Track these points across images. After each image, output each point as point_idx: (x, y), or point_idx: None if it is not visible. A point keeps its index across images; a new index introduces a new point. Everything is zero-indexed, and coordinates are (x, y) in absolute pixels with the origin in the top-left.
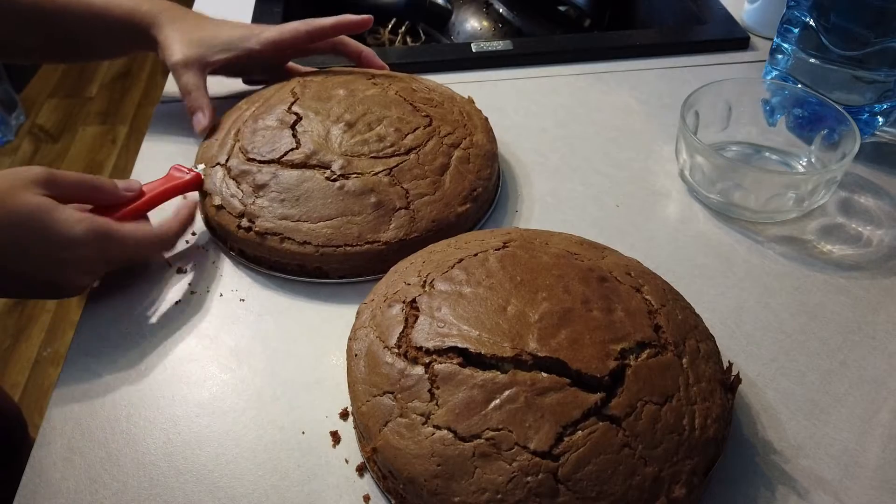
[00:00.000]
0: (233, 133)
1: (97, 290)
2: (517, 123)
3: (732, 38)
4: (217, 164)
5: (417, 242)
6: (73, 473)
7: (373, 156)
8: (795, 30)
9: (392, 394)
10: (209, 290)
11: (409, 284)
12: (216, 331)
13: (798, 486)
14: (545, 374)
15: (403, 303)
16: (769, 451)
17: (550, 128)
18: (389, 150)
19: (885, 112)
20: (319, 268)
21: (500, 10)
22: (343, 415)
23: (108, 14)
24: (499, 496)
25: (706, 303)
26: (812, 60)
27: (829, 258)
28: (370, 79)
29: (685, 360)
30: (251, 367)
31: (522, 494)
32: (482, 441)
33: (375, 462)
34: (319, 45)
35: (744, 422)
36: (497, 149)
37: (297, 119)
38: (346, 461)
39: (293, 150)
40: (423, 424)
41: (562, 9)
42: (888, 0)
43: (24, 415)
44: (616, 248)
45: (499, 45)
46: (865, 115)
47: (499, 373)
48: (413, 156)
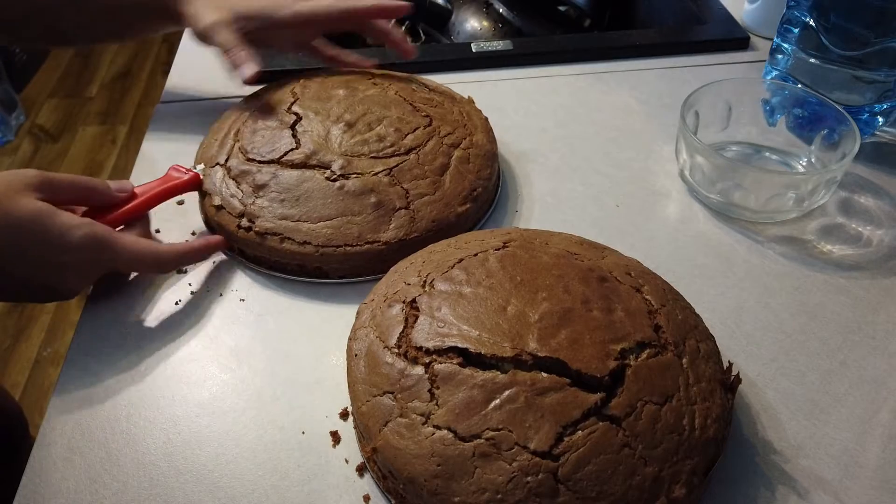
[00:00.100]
0: (232, 133)
1: (97, 290)
2: (517, 123)
3: (732, 38)
4: (217, 164)
5: (417, 242)
6: (73, 473)
7: (373, 156)
8: (795, 30)
9: (392, 394)
10: (209, 290)
11: (409, 284)
12: (216, 331)
13: (798, 486)
14: (545, 374)
15: (403, 303)
16: (769, 451)
17: (550, 128)
18: (389, 150)
19: (885, 112)
20: (319, 268)
21: (500, 10)
22: (343, 415)
23: None
24: (499, 496)
25: (706, 303)
26: (812, 60)
27: (829, 258)
28: (370, 79)
29: (685, 360)
30: (251, 367)
31: (522, 494)
32: (482, 441)
33: (375, 462)
34: (347, 25)
35: (744, 422)
36: (497, 149)
37: (297, 119)
38: (346, 461)
39: (293, 150)
40: (423, 424)
41: (562, 9)
42: (888, 0)
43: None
44: (616, 248)
45: (499, 45)
46: (865, 115)
47: (499, 373)
48: (413, 156)
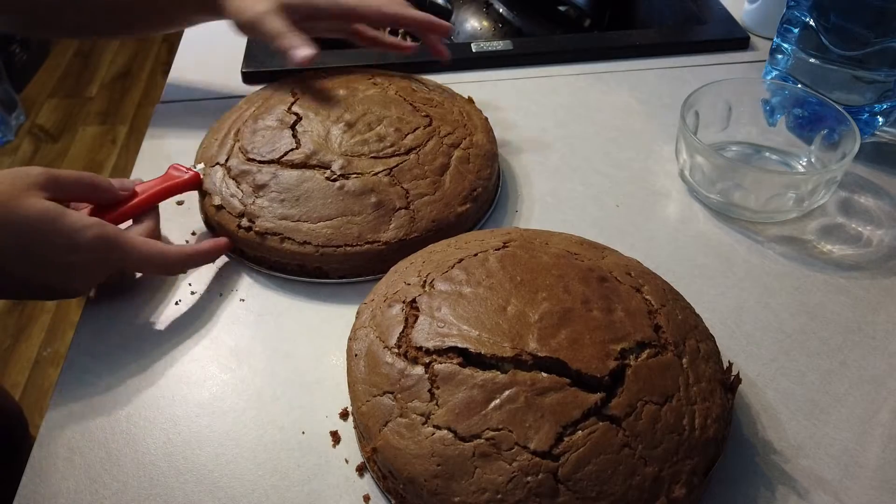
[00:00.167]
0: (233, 133)
1: (97, 290)
2: (517, 123)
3: (732, 38)
4: (217, 164)
5: (417, 242)
6: (73, 473)
7: (373, 156)
8: (795, 30)
9: (392, 394)
10: (209, 290)
11: (409, 284)
12: (216, 331)
13: (798, 486)
14: (545, 374)
15: (403, 303)
16: (769, 451)
17: (550, 128)
18: (389, 150)
19: (885, 112)
20: (319, 268)
21: (500, 10)
22: (343, 415)
23: None
24: (499, 496)
25: (706, 303)
26: (812, 60)
27: (829, 258)
28: (370, 79)
29: (685, 360)
30: (251, 367)
31: (522, 494)
32: (482, 441)
33: (375, 462)
34: (384, 26)
35: (744, 422)
36: (497, 149)
37: (297, 119)
38: (346, 461)
39: (293, 150)
40: (423, 424)
41: (562, 9)
42: (888, 0)
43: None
44: (616, 248)
45: (499, 45)
46: (865, 115)
47: (499, 373)
48: (413, 156)
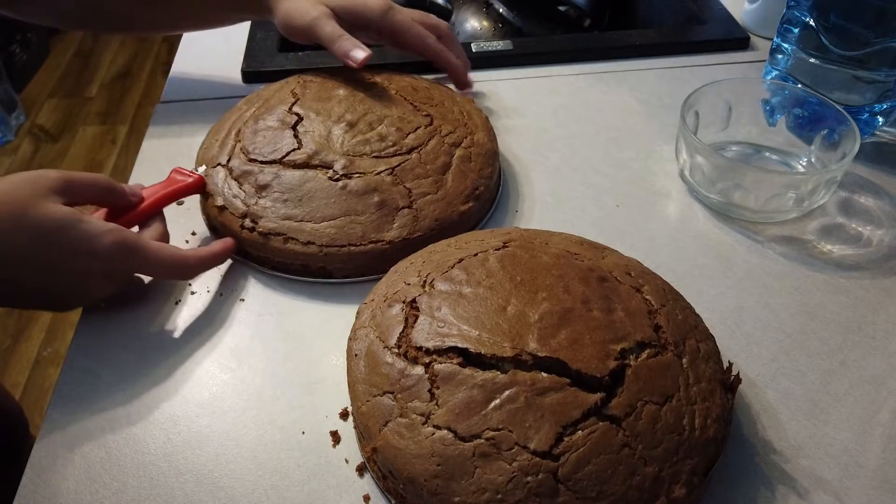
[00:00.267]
0: (233, 134)
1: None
2: (517, 123)
3: (732, 38)
4: (218, 165)
5: (421, 241)
6: (73, 473)
7: (375, 155)
8: (795, 30)
9: (392, 394)
10: (209, 290)
11: (409, 284)
12: (216, 331)
13: (798, 486)
14: (545, 374)
15: (403, 303)
16: (769, 451)
17: (550, 128)
18: (391, 150)
19: (885, 112)
20: (323, 268)
21: (500, 10)
22: (343, 415)
23: None
24: (499, 496)
25: (706, 303)
26: (812, 60)
27: (829, 258)
28: (370, 78)
29: (685, 360)
30: (251, 367)
31: (522, 494)
32: (482, 441)
33: (375, 462)
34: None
35: (744, 422)
36: (498, 147)
37: (299, 119)
38: (346, 461)
39: (295, 151)
40: (423, 424)
41: (562, 9)
42: (888, 0)
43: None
44: (616, 248)
45: (499, 45)
46: (865, 115)
47: (499, 373)
48: (415, 155)
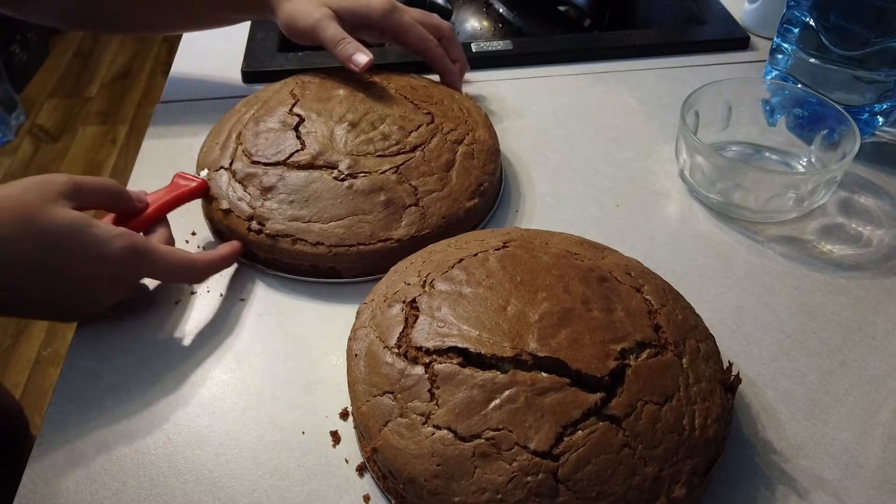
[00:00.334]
0: (234, 137)
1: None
2: (517, 123)
3: (732, 38)
4: (221, 168)
5: (429, 238)
6: (73, 473)
7: (379, 154)
8: (795, 30)
9: (392, 394)
10: (209, 291)
11: (409, 284)
12: (216, 331)
13: (798, 486)
14: (545, 374)
15: (403, 303)
16: (769, 451)
17: (550, 128)
18: (395, 148)
19: (885, 112)
20: (333, 268)
21: (500, 10)
22: (343, 415)
23: None
24: (499, 496)
25: (706, 303)
26: (812, 60)
27: (829, 258)
28: (369, 78)
29: (685, 360)
30: (251, 367)
31: (522, 494)
32: (482, 441)
33: (375, 462)
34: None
35: (744, 422)
36: (498, 144)
37: (300, 120)
38: (346, 461)
39: (299, 152)
40: (423, 424)
41: (562, 9)
42: (888, 0)
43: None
44: (616, 248)
45: (499, 45)
46: (865, 115)
47: (499, 373)
48: (418, 153)
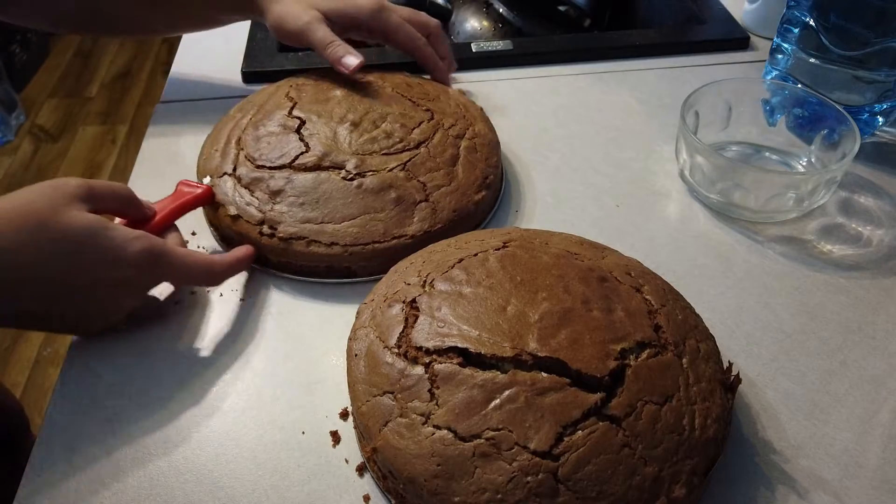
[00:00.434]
0: (233, 142)
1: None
2: (517, 123)
3: (732, 38)
4: (224, 175)
5: (441, 233)
6: (73, 473)
7: (384, 152)
8: (795, 30)
9: (392, 394)
10: (209, 291)
11: (409, 284)
12: (216, 331)
13: (798, 486)
14: (545, 374)
15: (403, 303)
16: (769, 451)
17: (550, 128)
18: (399, 146)
19: (885, 112)
20: (348, 267)
21: (500, 10)
22: (343, 415)
23: None
24: (499, 496)
25: (706, 303)
26: (812, 60)
27: (829, 258)
28: (363, 78)
29: (685, 360)
30: (251, 367)
31: (522, 494)
32: (482, 441)
33: (375, 462)
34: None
35: (744, 422)
36: (497, 137)
37: (301, 123)
38: (346, 461)
39: (304, 154)
40: (423, 424)
41: (562, 9)
42: (888, 0)
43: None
44: (616, 248)
45: (499, 45)
46: (865, 115)
47: (499, 373)
48: (423, 149)
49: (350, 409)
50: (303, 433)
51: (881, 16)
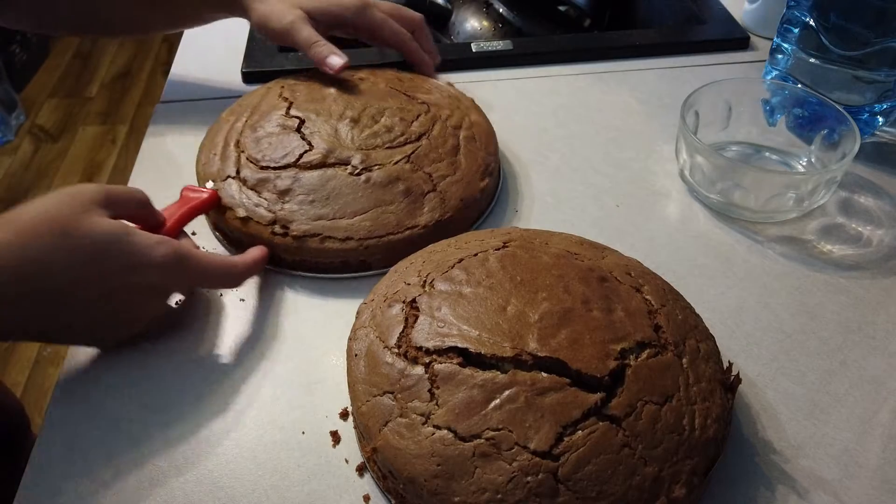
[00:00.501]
0: (232, 145)
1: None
2: (517, 123)
3: (732, 38)
4: (228, 178)
5: (451, 221)
6: (73, 473)
7: (387, 146)
8: (795, 30)
9: (392, 394)
10: (209, 290)
11: (409, 284)
12: (216, 331)
13: (798, 486)
14: (545, 374)
15: (403, 303)
16: (769, 451)
17: (550, 128)
18: (401, 139)
19: (885, 112)
20: (364, 261)
21: (500, 10)
22: (343, 415)
23: None
24: (499, 496)
25: (706, 303)
26: (812, 60)
27: (829, 258)
28: (354, 75)
29: (685, 360)
30: (251, 367)
31: (522, 494)
32: (482, 441)
33: (375, 462)
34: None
35: (744, 422)
36: (492, 125)
37: (301, 122)
38: (346, 461)
39: (308, 152)
40: (423, 424)
41: (562, 9)
42: (888, 0)
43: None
44: (616, 248)
45: (499, 45)
46: (865, 115)
47: (499, 373)
48: (424, 141)
49: (350, 409)
50: (303, 433)
51: (881, 16)
